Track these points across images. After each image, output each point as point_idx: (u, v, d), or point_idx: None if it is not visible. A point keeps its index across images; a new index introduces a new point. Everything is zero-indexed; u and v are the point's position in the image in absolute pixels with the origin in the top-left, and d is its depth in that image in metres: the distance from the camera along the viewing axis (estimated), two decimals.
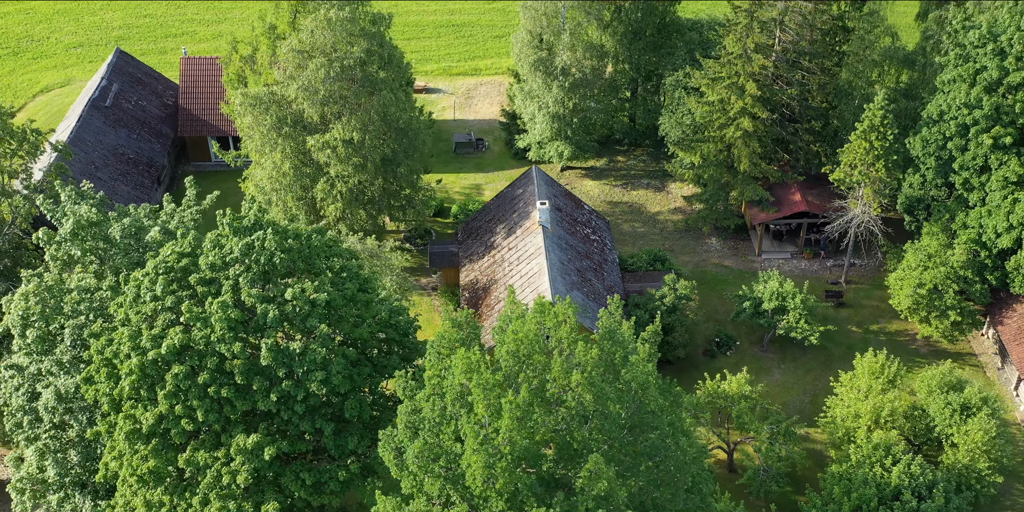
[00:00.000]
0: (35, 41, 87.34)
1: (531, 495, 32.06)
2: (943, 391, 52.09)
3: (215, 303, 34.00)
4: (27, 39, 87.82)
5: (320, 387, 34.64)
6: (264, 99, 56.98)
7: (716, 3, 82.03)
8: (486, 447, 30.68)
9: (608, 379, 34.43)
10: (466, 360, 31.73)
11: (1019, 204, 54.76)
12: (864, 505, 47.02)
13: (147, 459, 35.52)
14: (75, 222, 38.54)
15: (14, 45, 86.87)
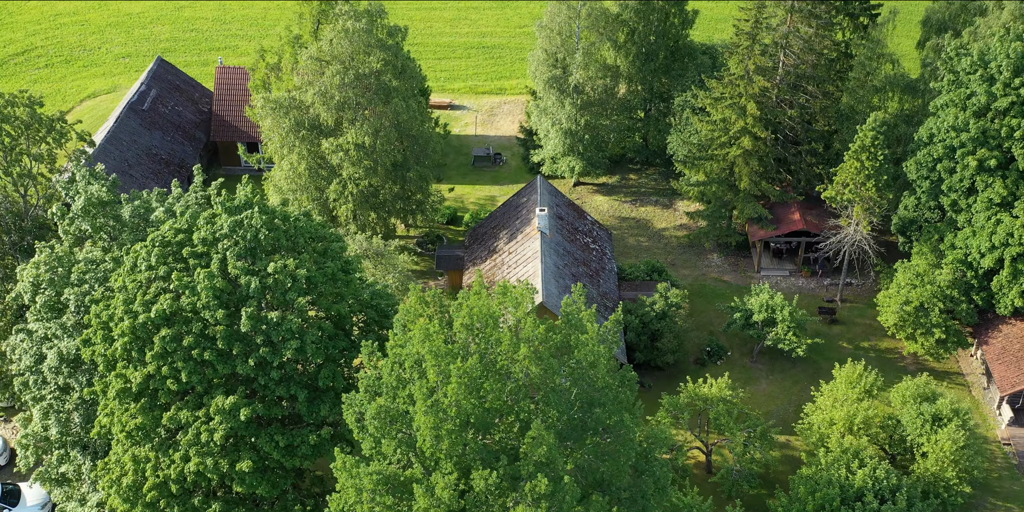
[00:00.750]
0: (87, 50, 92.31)
1: (477, 459, 34.49)
2: (916, 402, 53.61)
3: (202, 273, 37.09)
4: (80, 49, 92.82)
5: (295, 354, 37.53)
6: (284, 103, 60.47)
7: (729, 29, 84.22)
8: (434, 409, 33.23)
9: (563, 359, 36.88)
10: (423, 330, 34.39)
11: (1001, 225, 56.37)
12: (827, 505, 48.62)
13: (135, 416, 38.55)
14: (86, 199, 42.02)
15: (67, 54, 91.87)
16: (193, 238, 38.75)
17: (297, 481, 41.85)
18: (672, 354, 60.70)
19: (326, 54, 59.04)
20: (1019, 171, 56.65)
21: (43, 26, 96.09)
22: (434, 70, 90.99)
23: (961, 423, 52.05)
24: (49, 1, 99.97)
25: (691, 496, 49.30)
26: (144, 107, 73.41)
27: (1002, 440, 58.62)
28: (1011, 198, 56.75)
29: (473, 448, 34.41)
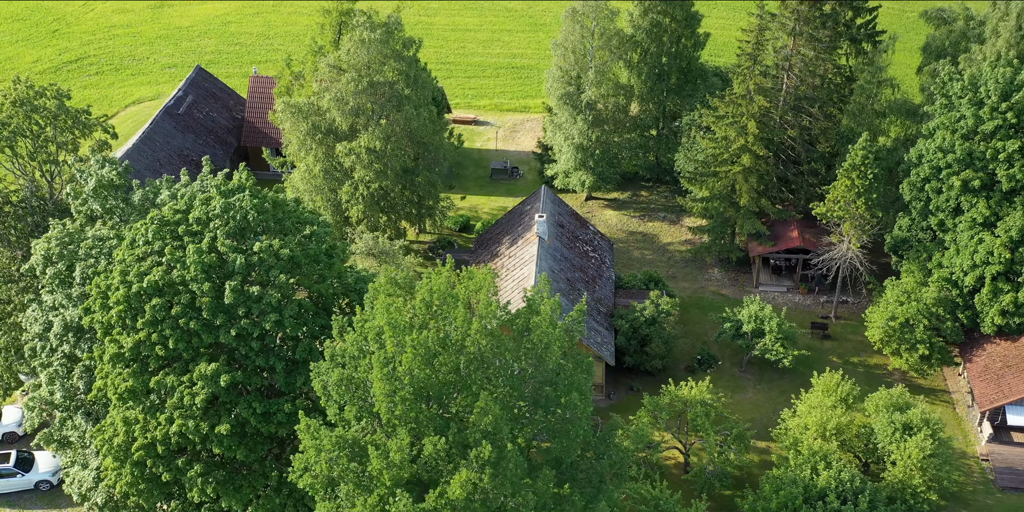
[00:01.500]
0: (136, 60, 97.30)
1: (430, 426, 37.10)
2: (889, 411, 55.16)
3: (192, 248, 40.36)
4: (130, 58, 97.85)
5: (273, 327, 40.57)
6: (303, 108, 64.09)
7: None
8: (389, 377, 35.98)
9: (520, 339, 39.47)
10: (385, 305, 37.24)
11: (983, 244, 57.95)
12: (790, 503, 50.39)
13: (127, 380, 41.75)
14: (97, 181, 45.65)
15: (117, 63, 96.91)
16: (188, 218, 42.11)
17: (278, 450, 44.70)
18: (660, 359, 62.79)
19: (343, 62, 62.61)
20: (1002, 192, 58.26)
21: (97, 36, 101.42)
22: (463, 88, 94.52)
23: (931, 433, 53.47)
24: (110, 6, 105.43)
25: (659, 489, 51.42)
26: (179, 111, 77.64)
27: (980, 456, 59.76)
28: (994, 218, 58.33)
29: (426, 416, 37.02)
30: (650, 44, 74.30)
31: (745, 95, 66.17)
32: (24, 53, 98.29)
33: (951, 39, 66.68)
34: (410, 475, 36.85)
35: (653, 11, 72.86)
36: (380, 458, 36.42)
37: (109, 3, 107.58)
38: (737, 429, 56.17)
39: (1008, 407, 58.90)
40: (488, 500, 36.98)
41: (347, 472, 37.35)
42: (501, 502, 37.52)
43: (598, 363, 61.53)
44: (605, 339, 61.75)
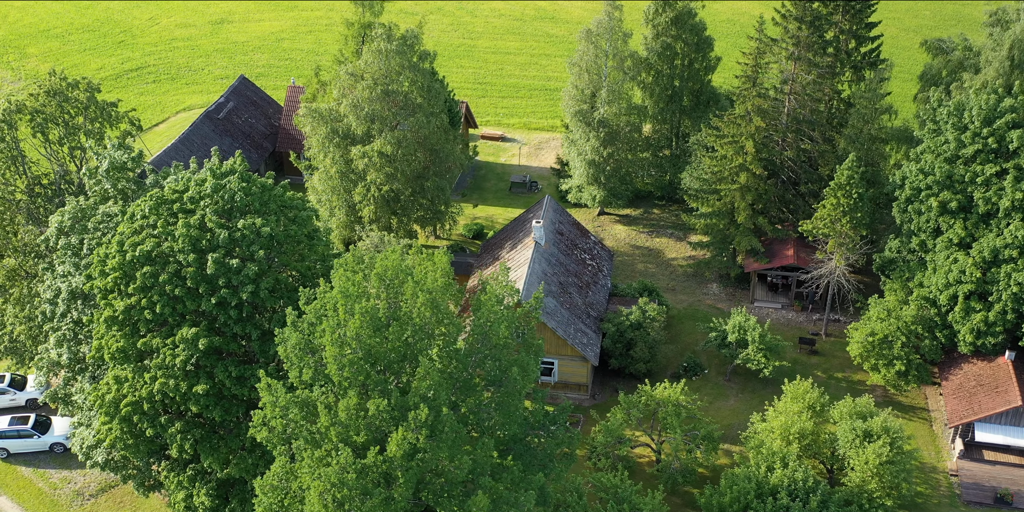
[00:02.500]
0: (192, 71, 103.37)
1: (376, 389, 40.58)
2: (851, 419, 57.12)
3: (181, 223, 44.63)
4: (186, 69, 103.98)
5: (250, 297, 44.50)
6: (323, 113, 68.57)
7: None
8: (338, 341, 39.60)
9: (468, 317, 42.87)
10: (343, 279, 40.95)
11: (956, 263, 59.84)
12: (742, 497, 52.66)
13: (119, 341, 46.00)
14: (110, 163, 50.34)
15: (174, 72, 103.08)
16: (183, 197, 46.43)
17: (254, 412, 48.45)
18: (644, 363, 65.40)
19: (360, 70, 67.00)
20: (979, 215, 60.13)
21: (159, 48, 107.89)
22: (496, 106, 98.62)
23: (890, 441, 55.30)
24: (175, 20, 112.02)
25: (620, 478, 54.09)
26: (220, 116, 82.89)
27: (950, 471, 61.18)
28: (969, 239, 60.20)
29: (374, 380, 40.51)
30: (662, 66, 77.55)
31: (745, 116, 68.97)
32: (90, 61, 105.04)
33: (948, 68, 68.81)
34: (357, 434, 40.28)
35: (665, 35, 76.17)
36: (327, 415, 39.98)
37: (174, 18, 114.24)
38: (706, 429, 58.61)
39: (977, 423, 60.42)
40: (425, 460, 40.24)
41: (299, 428, 40.97)
42: (438, 463, 40.77)
43: (584, 363, 64.52)
44: (591, 340, 64.65)
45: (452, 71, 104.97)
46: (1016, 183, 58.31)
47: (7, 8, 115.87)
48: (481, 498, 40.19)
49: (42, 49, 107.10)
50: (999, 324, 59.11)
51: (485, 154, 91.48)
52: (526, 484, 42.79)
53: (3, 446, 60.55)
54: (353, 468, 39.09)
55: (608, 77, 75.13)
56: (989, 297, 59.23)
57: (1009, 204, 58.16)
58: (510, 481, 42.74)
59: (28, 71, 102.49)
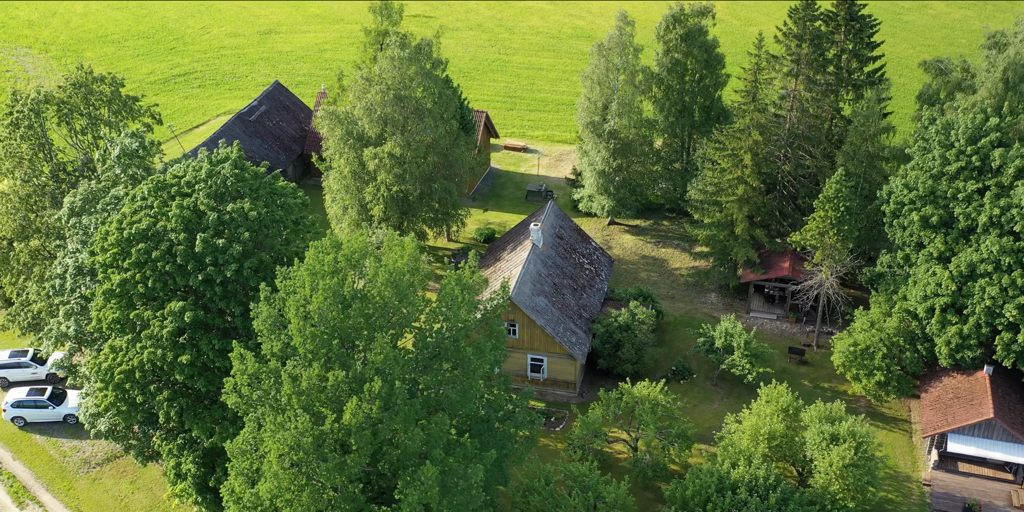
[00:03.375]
0: (236, 78, 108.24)
1: (337, 362, 43.56)
2: (820, 422, 58.69)
3: (174, 205, 48.25)
4: (231, 76, 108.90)
5: (234, 275, 47.87)
6: (340, 116, 72.21)
7: None
8: (302, 313, 42.69)
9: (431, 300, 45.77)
10: (311, 258, 44.11)
11: (934, 277, 61.26)
12: (703, 491, 54.54)
13: (114, 312, 49.67)
14: (121, 149, 54.31)
15: (219, 78, 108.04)
16: (181, 181, 50.11)
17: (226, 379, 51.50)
18: (631, 364, 67.54)
19: (374, 75, 70.56)
20: (959, 230, 61.50)
21: (208, 55, 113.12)
22: (523, 119, 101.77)
23: (856, 444, 56.76)
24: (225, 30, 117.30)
25: (588, 468, 56.36)
26: (251, 118, 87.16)
27: (924, 481, 62.34)
28: (949, 253, 61.57)
29: (336, 353, 43.51)
30: (672, 81, 79.99)
31: (744, 130, 71.12)
32: (141, 65, 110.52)
33: (946, 88, 70.25)
34: (317, 403, 43.28)
35: (675, 51, 78.67)
36: (291, 385, 43.05)
37: (225, 28, 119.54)
38: (680, 427, 60.62)
39: (950, 434, 61.54)
40: (379, 430, 43.08)
41: (265, 396, 44.10)
42: (392, 434, 43.59)
43: (573, 362, 66.90)
44: (580, 340, 67.04)
45: (485, 84, 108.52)
46: (995, 200, 59.66)
47: (70, 15, 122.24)
48: (429, 468, 42.87)
49: (98, 53, 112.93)
50: (973, 337, 60.32)
51: (506, 163, 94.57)
52: (477, 459, 45.32)
53: (21, 415, 64.67)
54: (310, 433, 42.03)
55: (619, 90, 77.75)
56: (964, 310, 60.50)
57: (987, 220, 59.51)
58: (462, 455, 45.32)
59: None
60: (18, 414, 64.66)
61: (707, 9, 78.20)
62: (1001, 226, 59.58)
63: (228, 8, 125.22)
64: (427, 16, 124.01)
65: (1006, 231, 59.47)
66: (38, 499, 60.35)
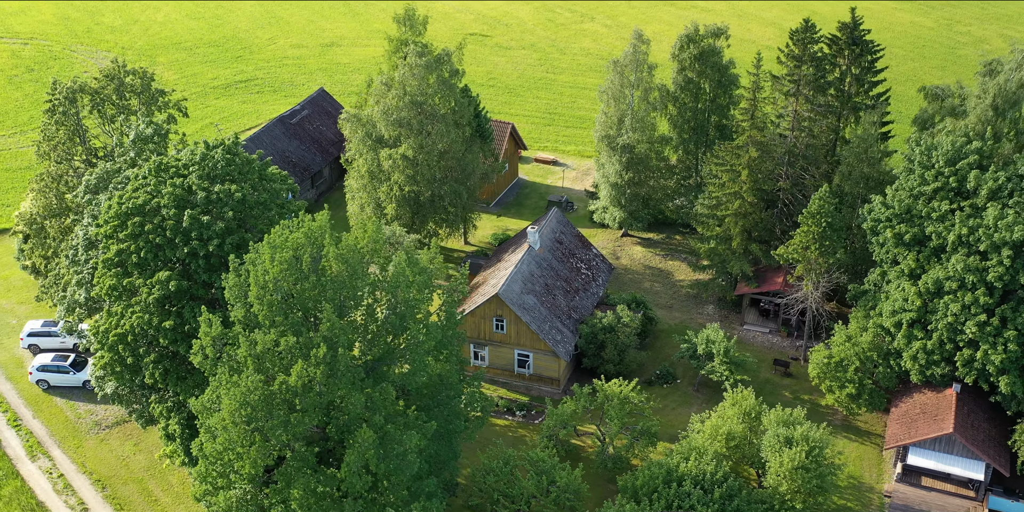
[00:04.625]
0: (293, 85, 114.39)
1: (290, 329, 47.67)
2: (777, 426, 60.72)
3: (168, 183, 53.22)
4: (289, 84, 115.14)
5: (216, 249, 52.51)
6: (360, 117, 76.96)
7: None
8: (259, 283, 47.00)
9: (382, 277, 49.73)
10: (274, 233, 48.43)
11: (902, 292, 62.95)
12: (651, 482, 57.12)
13: (111, 279, 54.75)
14: (136, 134, 59.67)
15: (276, 85, 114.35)
16: (179, 163, 55.13)
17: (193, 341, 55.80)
18: (614, 365, 70.30)
19: (393, 81, 75.17)
20: (931, 249, 63.08)
21: (270, 64, 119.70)
22: (558, 134, 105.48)
23: (808, 448, 58.65)
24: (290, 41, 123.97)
25: (547, 454, 59.45)
26: (292, 121, 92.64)
27: (885, 492, 63.75)
28: (920, 270, 63.18)
29: (291, 320, 47.66)
30: (687, 99, 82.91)
31: (742, 146, 73.69)
32: (207, 71, 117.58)
33: (941, 113, 71.79)
34: (268, 365, 47.44)
35: (689, 70, 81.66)
36: (247, 345, 47.33)
37: (291, 40, 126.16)
38: (645, 424, 63.27)
39: (911, 448, 62.95)
40: (322, 393, 47.05)
41: (225, 357, 48.46)
42: (335, 398, 47.49)
43: (557, 359, 70.00)
44: (566, 339, 70.15)
45: (528, 100, 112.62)
46: (965, 219, 61.20)
47: (150, 23, 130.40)
48: (366, 431, 46.66)
49: (170, 59, 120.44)
50: (937, 353, 61.76)
51: (534, 175, 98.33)
52: (417, 428, 48.92)
53: (45, 378, 70.37)
54: (260, 391, 46.18)
55: (633, 106, 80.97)
56: (929, 326, 62.02)
57: (955, 238, 61.08)
58: (403, 424, 48.96)
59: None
60: (42, 377, 70.38)
61: (721, 30, 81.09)
62: (969, 245, 61.10)
63: (297, 21, 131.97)
64: (484, 35, 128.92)
65: (973, 250, 60.96)
66: (49, 454, 65.74)
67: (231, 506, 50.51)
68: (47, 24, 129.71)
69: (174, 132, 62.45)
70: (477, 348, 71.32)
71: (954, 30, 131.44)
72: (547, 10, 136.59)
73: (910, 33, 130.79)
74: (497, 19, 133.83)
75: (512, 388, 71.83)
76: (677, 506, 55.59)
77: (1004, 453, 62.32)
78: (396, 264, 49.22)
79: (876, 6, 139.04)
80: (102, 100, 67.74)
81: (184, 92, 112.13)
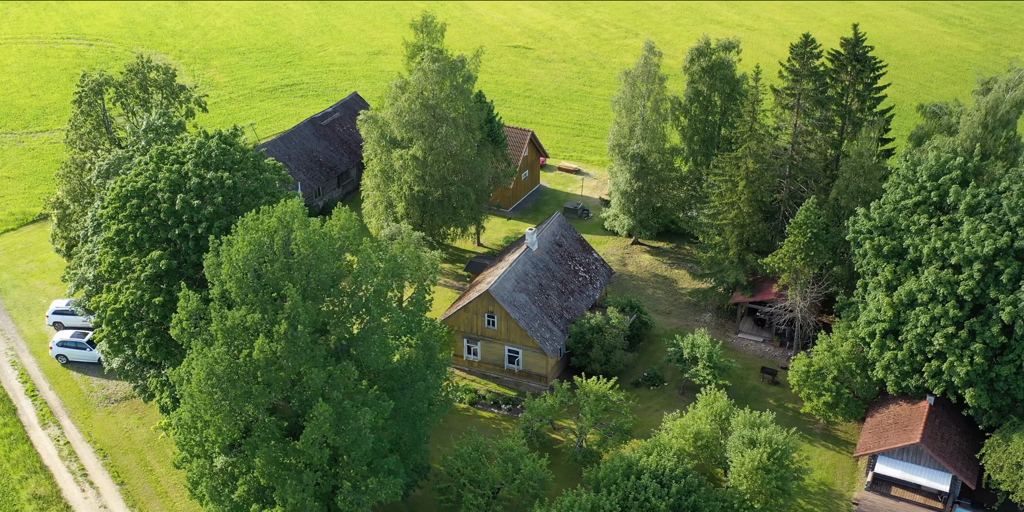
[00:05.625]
0: (336, 91, 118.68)
1: (258, 306, 50.85)
2: (743, 427, 62.15)
3: (165, 169, 57.06)
4: (332, 89, 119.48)
5: (205, 232, 56.10)
6: (376, 119, 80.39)
7: None
8: (229, 260, 50.32)
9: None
10: (249, 217, 51.75)
11: (876, 302, 64.00)
12: (611, 474, 59.03)
13: (110, 257, 58.70)
14: (147, 123, 63.80)
15: (320, 89, 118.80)
16: (179, 151, 58.99)
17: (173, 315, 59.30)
18: (600, 365, 72.29)
19: (408, 84, 78.46)
20: (909, 261, 64.03)
21: (317, 70, 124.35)
22: (585, 144, 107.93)
23: (771, 450, 59.98)
24: (340, 49, 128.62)
25: (517, 443, 61.73)
26: (323, 123, 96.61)
27: (853, 500, 64.66)
28: (896, 282, 64.15)
29: (263, 299, 50.87)
30: (697, 111, 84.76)
31: (741, 157, 75.35)
32: (257, 74, 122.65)
33: (937, 130, 72.60)
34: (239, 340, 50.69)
35: (699, 82, 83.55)
36: (218, 322, 50.66)
37: (340, 47, 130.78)
38: (618, 421, 65.20)
39: (880, 457, 63.82)
40: (284, 368, 50.11)
41: (198, 330, 51.86)
42: (295, 373, 50.53)
43: (544, 357, 72.20)
44: (555, 336, 72.39)
45: (561, 111, 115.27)
46: (943, 233, 62.09)
47: (209, 28, 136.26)
48: (322, 405, 49.60)
49: (223, 62, 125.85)
50: (908, 363, 62.66)
51: (555, 183, 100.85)
52: (373, 405, 51.71)
53: (64, 354, 74.82)
54: (225, 362, 49.41)
55: (644, 116, 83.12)
56: (900, 337, 62.97)
57: (930, 251, 62.02)
58: (361, 402, 51.79)
59: (205, 79, 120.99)
60: (61, 352, 74.83)
61: (732, 44, 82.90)
62: (943, 258, 61.97)
63: (348, 30, 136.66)
64: (527, 47, 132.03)
65: (946, 264, 61.82)
66: (59, 423, 69.99)
67: (203, 473, 53.85)
68: (113, 27, 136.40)
69: (193, 125, 66.37)
70: (470, 343, 73.95)
71: (1001, 55, 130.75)
72: (593, 25, 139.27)
73: (956, 57, 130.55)
74: (543, 33, 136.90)
75: (502, 383, 74.23)
76: (633, 498, 57.39)
77: (972, 466, 62.85)
78: (363, 250, 52.16)
79: (925, 29, 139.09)
80: (126, 93, 72.29)
81: (232, 94, 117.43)
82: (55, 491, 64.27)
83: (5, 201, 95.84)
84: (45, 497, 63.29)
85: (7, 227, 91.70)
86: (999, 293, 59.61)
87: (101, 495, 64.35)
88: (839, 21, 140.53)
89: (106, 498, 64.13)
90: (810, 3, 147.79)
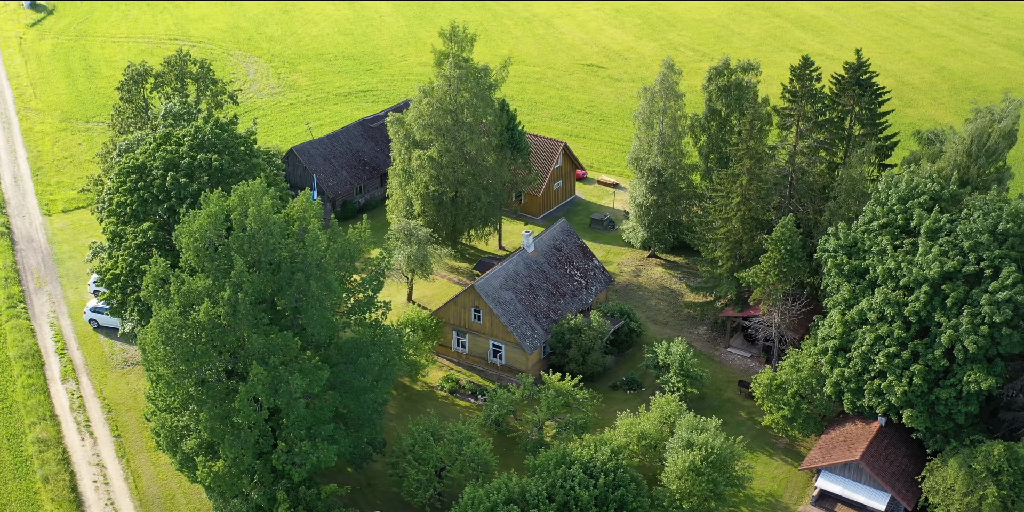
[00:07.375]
0: (406, 98, 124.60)
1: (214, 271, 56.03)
2: (685, 430, 64.06)
3: (162, 149, 63.16)
4: (403, 96, 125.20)
5: (190, 207, 61.82)
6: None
7: None
8: (191, 233, 55.72)
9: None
10: (216, 195, 57.11)
11: (830, 319, 65.11)
12: (546, 463, 61.85)
13: (111, 227, 65.13)
14: (167, 109, 70.24)
15: (392, 97, 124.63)
16: (180, 134, 65.11)
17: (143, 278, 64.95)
18: (577, 365, 75.06)
19: (432, 89, 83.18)
20: (868, 281, 64.92)
21: (394, 78, 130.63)
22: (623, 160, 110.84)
23: (706, 454, 61.79)
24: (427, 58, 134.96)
25: (468, 427, 65.19)
26: (373, 125, 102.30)
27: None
28: (853, 301, 65.08)
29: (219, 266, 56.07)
30: (714, 129, 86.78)
31: (737, 174, 77.18)
32: (336, 80, 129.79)
33: (929, 157, 72.88)
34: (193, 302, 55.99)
35: (716, 102, 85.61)
36: (176, 285, 56.09)
37: (421, 58, 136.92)
38: (574, 416, 67.98)
39: (822, 472, 64.78)
40: (226, 330, 55.12)
41: (162, 293, 57.41)
42: (237, 336, 55.46)
43: (524, 353, 75.41)
44: (536, 334, 75.57)
45: (617, 128, 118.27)
46: (902, 255, 62.90)
47: (303, 35, 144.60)
48: (256, 368, 54.39)
49: (309, 67, 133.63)
50: (854, 381, 63.53)
51: (591, 195, 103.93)
52: (307, 373, 56.18)
53: (95, 319, 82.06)
54: (176, 321, 54.74)
55: (662, 131, 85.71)
56: (847, 354, 63.91)
57: (884, 271, 62.90)
58: (298, 369, 56.33)
59: (289, 82, 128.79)
60: (93, 317, 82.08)
61: (752, 65, 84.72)
62: (896, 279, 62.76)
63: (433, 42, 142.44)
64: (600, 66, 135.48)
65: (899, 285, 62.58)
66: (78, 379, 76.99)
67: (163, 425, 59.32)
68: (218, 31, 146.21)
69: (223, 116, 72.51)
70: (459, 335, 77.81)
71: None
72: (672, 48, 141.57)
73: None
74: (619, 53, 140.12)
75: (486, 376, 77.76)
76: (560, 486, 60.11)
77: (913, 488, 63.17)
78: (311, 229, 56.83)
79: (1014, 66, 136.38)
80: (162, 83, 79.39)
81: (309, 97, 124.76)
82: (58, 437, 71.00)
83: (84, 181, 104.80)
84: (47, 441, 70.01)
85: (78, 204, 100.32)
86: (943, 316, 60.13)
87: (97, 444, 70.74)
88: (924, 54, 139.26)
89: (100, 447, 70.48)
90: (899, 37, 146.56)
